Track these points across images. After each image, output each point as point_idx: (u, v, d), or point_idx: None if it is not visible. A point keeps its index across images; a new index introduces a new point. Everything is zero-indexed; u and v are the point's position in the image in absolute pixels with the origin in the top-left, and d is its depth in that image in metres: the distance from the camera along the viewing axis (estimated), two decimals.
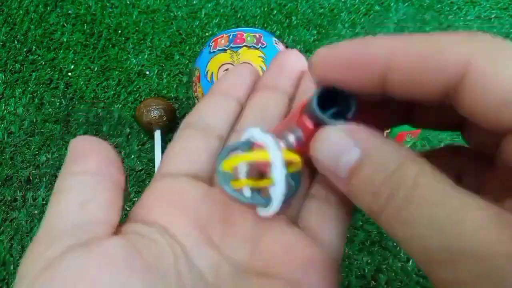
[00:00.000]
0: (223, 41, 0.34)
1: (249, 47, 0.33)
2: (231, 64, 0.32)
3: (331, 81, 0.13)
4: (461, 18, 0.50)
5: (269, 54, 0.33)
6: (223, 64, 0.33)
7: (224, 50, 0.33)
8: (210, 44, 0.35)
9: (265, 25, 0.49)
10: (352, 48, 0.13)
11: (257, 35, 0.34)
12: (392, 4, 0.51)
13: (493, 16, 0.50)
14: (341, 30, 0.48)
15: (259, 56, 0.33)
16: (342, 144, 0.13)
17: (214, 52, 0.34)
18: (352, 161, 0.12)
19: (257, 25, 0.49)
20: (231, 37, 0.34)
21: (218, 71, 0.33)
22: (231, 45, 0.33)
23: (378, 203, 0.12)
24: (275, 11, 0.50)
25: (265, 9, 0.50)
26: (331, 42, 0.52)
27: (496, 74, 0.10)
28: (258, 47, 0.33)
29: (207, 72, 0.33)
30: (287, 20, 0.49)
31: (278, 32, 0.48)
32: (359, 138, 0.13)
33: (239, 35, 0.34)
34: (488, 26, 0.49)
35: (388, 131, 0.31)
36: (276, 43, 0.35)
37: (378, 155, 0.12)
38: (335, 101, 0.15)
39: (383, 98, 0.13)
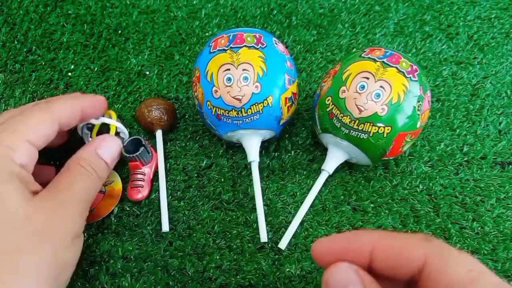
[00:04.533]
0: (223, 41, 0.34)
1: (249, 47, 0.33)
2: (231, 64, 0.32)
3: (329, 263, 0.19)
4: (461, 18, 0.50)
5: (269, 54, 0.33)
6: (223, 64, 0.33)
7: (224, 50, 0.33)
8: (210, 44, 0.35)
9: (265, 25, 0.49)
10: (345, 240, 0.19)
11: (257, 35, 0.34)
12: (392, 4, 0.51)
13: (493, 16, 0.50)
14: (341, 30, 0.48)
15: (259, 56, 0.33)
16: (350, 277, 0.17)
17: (214, 52, 0.34)
18: None
19: (257, 25, 0.49)
20: (231, 37, 0.34)
21: (218, 71, 0.33)
22: (231, 45, 0.33)
23: None
24: (275, 11, 0.50)
25: (265, 9, 0.50)
26: (330, 43, 0.51)
27: (444, 270, 0.16)
28: (258, 47, 0.33)
29: (207, 72, 0.33)
30: (287, 20, 0.49)
31: (278, 32, 0.48)
32: (364, 278, 0.17)
33: (239, 35, 0.34)
34: (488, 26, 0.49)
35: (389, 131, 0.31)
36: (276, 43, 0.35)
37: None
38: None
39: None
